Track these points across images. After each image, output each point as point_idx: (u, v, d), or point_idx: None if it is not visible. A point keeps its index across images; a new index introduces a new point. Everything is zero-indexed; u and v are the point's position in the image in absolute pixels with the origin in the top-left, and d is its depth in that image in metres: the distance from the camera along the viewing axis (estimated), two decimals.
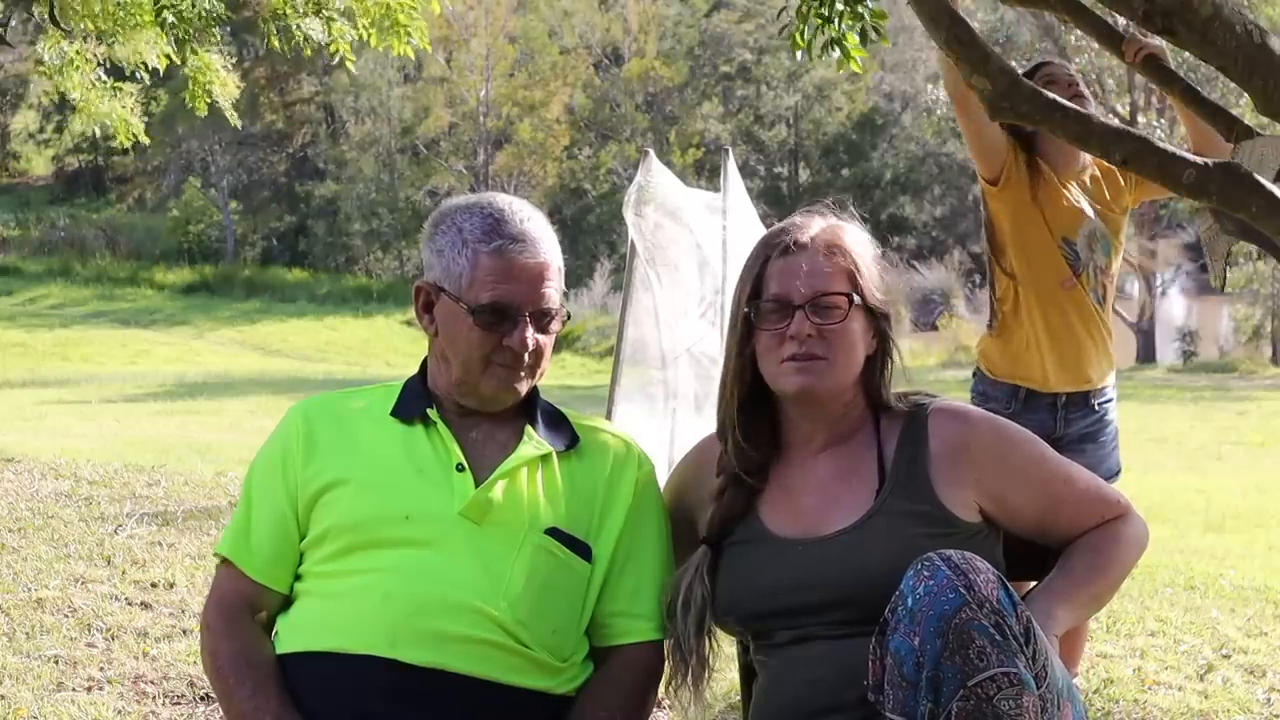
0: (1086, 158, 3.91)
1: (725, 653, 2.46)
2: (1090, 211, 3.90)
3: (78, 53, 8.40)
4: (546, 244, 2.35)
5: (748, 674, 2.44)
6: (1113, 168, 3.87)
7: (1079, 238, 3.89)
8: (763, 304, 2.32)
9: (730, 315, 2.43)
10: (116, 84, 8.86)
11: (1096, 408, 3.96)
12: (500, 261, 2.31)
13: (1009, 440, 2.36)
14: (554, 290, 2.35)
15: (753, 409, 2.37)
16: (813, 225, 2.36)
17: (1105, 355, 3.97)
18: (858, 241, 2.37)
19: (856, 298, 2.30)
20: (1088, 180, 3.96)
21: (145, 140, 9.28)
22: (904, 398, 2.38)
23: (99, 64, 8.66)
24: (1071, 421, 3.93)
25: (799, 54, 5.20)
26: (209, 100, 8.48)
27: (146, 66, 8.31)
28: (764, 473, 2.37)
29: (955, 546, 2.09)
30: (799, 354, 2.28)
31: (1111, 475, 3.98)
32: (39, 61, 8.61)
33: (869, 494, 2.29)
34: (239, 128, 12.37)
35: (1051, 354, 3.89)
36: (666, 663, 2.38)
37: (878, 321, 2.35)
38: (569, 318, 2.41)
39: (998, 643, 1.94)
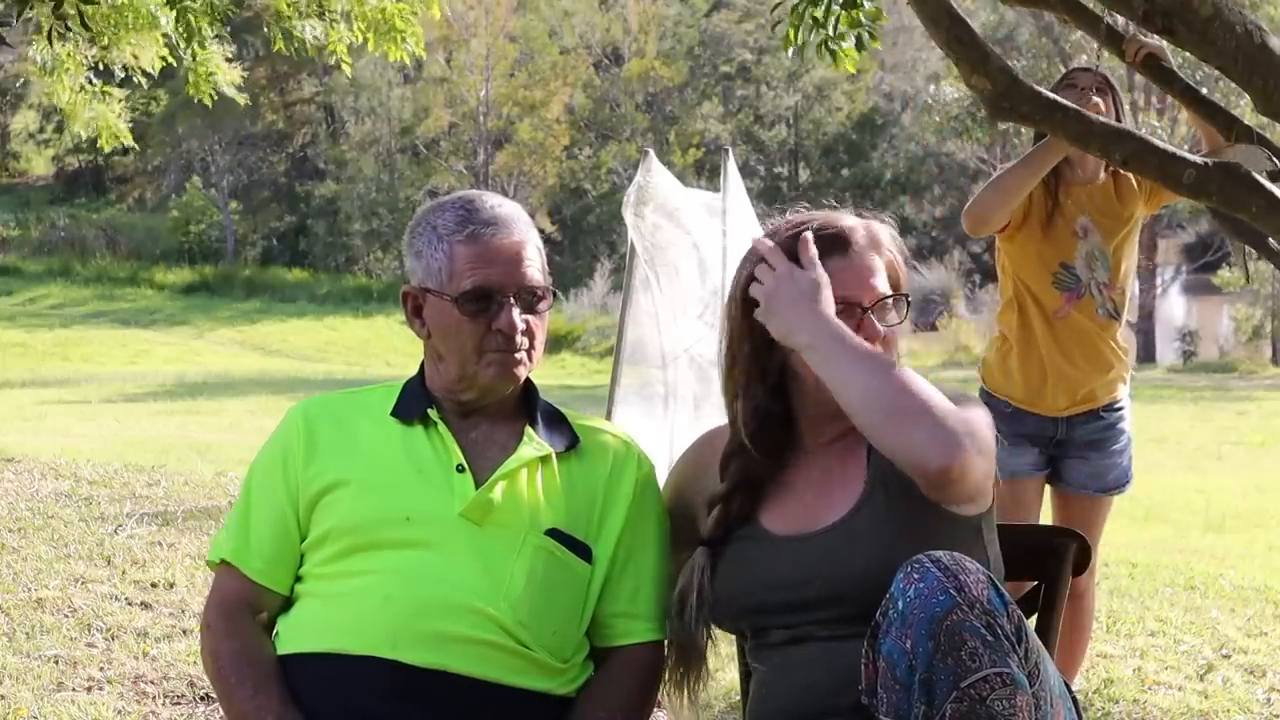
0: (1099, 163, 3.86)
1: (725, 653, 2.46)
2: (1084, 233, 3.87)
3: (68, 55, 8.37)
4: (521, 225, 2.36)
5: (748, 674, 2.44)
6: (1128, 173, 3.84)
7: (1077, 260, 3.86)
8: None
9: None
10: (105, 88, 8.83)
11: (1103, 415, 3.91)
12: (476, 247, 2.31)
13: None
14: (535, 270, 2.35)
15: (772, 407, 2.34)
16: (857, 225, 2.32)
17: (1111, 372, 3.92)
18: (893, 240, 2.36)
19: (908, 296, 2.32)
20: (1097, 189, 3.90)
21: (131, 144, 9.27)
22: None
23: (89, 67, 8.63)
24: (1075, 426, 3.89)
25: (790, 51, 5.20)
26: (213, 89, 8.46)
27: (141, 70, 8.30)
28: (774, 467, 2.36)
29: (941, 537, 2.10)
30: None
31: (1120, 486, 3.94)
32: (38, 65, 8.59)
33: (859, 488, 2.28)
34: (245, 107, 12.33)
35: (1043, 381, 3.87)
36: (667, 665, 2.36)
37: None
38: (557, 297, 2.41)
39: (990, 643, 1.94)
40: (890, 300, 2.29)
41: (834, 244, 2.28)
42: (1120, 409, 3.95)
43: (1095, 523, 3.92)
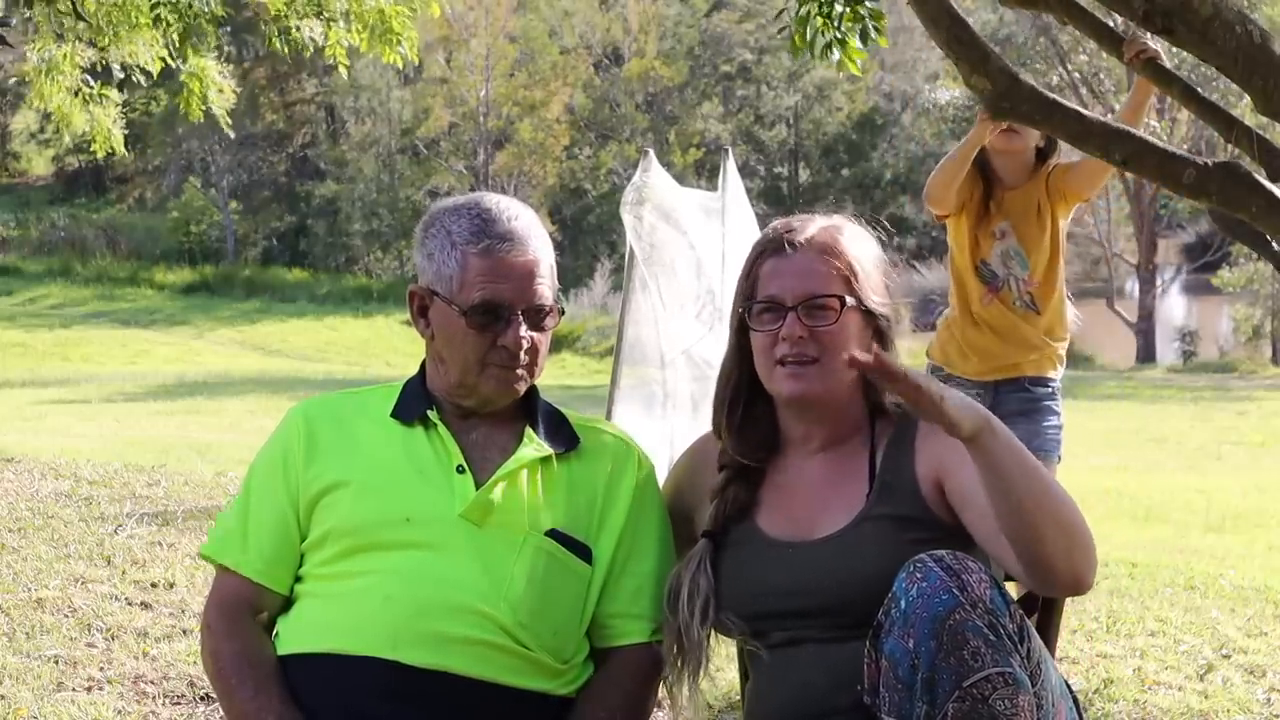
0: (1029, 167, 4.28)
1: (725, 653, 2.45)
2: (1001, 235, 4.31)
3: (64, 56, 8.31)
4: (536, 241, 2.35)
5: (747, 674, 2.43)
6: (1053, 176, 4.25)
7: (992, 258, 4.32)
8: (755, 305, 2.32)
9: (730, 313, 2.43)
10: (103, 90, 8.76)
11: (1029, 388, 4.31)
12: (489, 261, 2.31)
13: None
14: (545, 287, 2.35)
15: (747, 407, 2.37)
16: (809, 226, 2.35)
17: (1035, 352, 4.32)
18: (855, 243, 2.35)
19: (850, 300, 2.29)
20: (1018, 196, 4.28)
21: (122, 152, 9.22)
22: (900, 401, 2.36)
23: (85, 70, 8.57)
24: (1001, 395, 4.30)
25: (805, 53, 5.20)
26: (204, 107, 8.44)
27: (141, 69, 8.27)
28: (762, 467, 2.37)
29: (943, 549, 2.09)
30: (791, 356, 2.27)
31: (1041, 453, 4.19)
32: (34, 67, 8.53)
33: (859, 498, 2.28)
34: (231, 136, 12.30)
35: (970, 347, 4.37)
36: (665, 657, 2.34)
37: (877, 323, 2.34)
38: (563, 314, 2.41)
39: (992, 643, 1.94)
40: (819, 300, 2.27)
41: (778, 249, 2.33)
42: (1049, 389, 4.34)
43: None
